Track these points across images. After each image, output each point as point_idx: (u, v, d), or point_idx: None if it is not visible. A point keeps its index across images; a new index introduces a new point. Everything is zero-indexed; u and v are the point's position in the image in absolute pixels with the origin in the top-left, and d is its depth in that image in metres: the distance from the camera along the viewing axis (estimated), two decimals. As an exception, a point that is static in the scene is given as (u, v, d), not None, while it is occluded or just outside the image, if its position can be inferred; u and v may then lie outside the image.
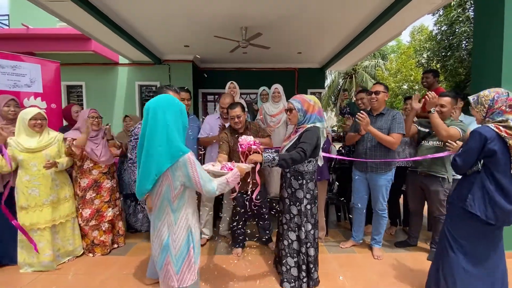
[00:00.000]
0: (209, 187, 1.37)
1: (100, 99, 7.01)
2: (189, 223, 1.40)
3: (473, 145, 1.70)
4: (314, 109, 2.08)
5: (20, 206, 2.26)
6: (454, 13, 7.64)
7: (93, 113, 2.61)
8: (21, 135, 2.25)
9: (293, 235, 2.09)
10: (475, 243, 1.81)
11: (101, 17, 4.12)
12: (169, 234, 1.36)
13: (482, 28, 2.75)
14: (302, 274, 2.06)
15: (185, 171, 1.31)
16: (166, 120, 1.30)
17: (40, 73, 2.76)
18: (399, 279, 2.29)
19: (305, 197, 2.05)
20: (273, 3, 3.95)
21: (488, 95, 1.75)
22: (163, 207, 1.36)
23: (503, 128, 1.64)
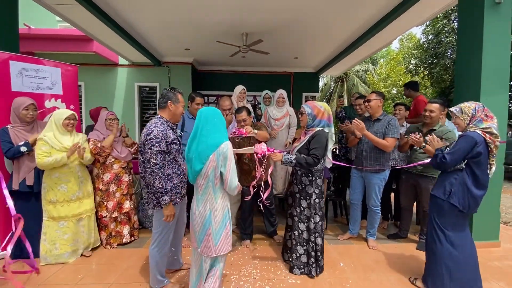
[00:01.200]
0: (234, 181, 1.71)
1: (99, 99, 7.07)
2: (226, 203, 1.77)
3: (465, 146, 1.96)
4: (323, 115, 2.36)
5: (49, 200, 2.44)
6: (440, 24, 8.13)
7: (111, 116, 2.83)
8: (56, 134, 2.40)
9: (303, 226, 2.35)
10: (457, 231, 2.11)
11: (108, 20, 4.26)
12: (211, 210, 1.70)
13: (464, 43, 3.08)
14: (311, 261, 2.31)
15: (225, 156, 1.66)
16: (214, 123, 1.73)
17: (60, 76, 2.91)
18: (392, 265, 2.57)
19: (314, 192, 2.32)
20: (273, 11, 4.21)
21: (470, 106, 2.07)
22: (207, 188, 1.72)
23: (488, 135, 1.96)
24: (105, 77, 7.11)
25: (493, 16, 2.82)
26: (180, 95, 2.07)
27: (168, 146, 1.93)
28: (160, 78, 7.19)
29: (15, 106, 2.51)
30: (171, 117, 2.05)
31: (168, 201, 1.88)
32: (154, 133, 1.85)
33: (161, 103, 2.03)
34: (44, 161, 2.33)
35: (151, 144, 1.83)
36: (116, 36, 4.96)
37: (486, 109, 2.04)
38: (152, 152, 1.83)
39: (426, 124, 2.84)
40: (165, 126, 1.95)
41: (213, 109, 1.79)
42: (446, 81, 9.59)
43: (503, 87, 2.89)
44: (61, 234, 2.48)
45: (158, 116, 2.02)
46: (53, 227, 2.46)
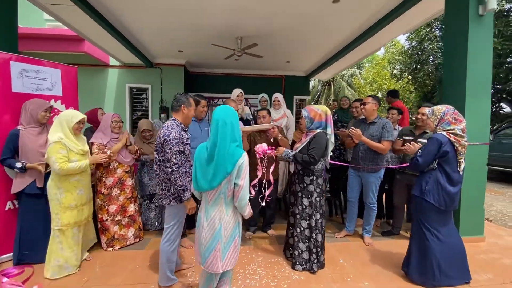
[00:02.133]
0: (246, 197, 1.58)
1: (89, 100, 6.88)
2: (238, 216, 1.66)
3: (432, 147, 2.18)
4: (321, 117, 2.48)
5: (67, 207, 2.29)
6: (423, 32, 8.54)
7: (116, 118, 2.83)
8: (69, 136, 2.31)
9: (305, 223, 2.46)
10: (440, 226, 2.27)
11: (102, 20, 4.23)
12: (221, 224, 1.58)
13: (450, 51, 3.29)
14: (313, 257, 2.41)
15: (241, 168, 1.53)
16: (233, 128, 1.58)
17: (60, 77, 2.88)
18: (388, 260, 2.71)
19: (315, 190, 2.43)
20: (267, 17, 4.33)
21: (440, 109, 2.27)
22: (219, 200, 1.58)
23: (452, 135, 2.17)
24: (95, 78, 6.98)
25: (477, 27, 3.04)
26: (192, 100, 2.20)
27: (183, 146, 2.05)
28: (152, 80, 7.14)
29: (34, 107, 2.45)
30: (184, 120, 2.17)
31: (190, 196, 2.02)
32: (173, 134, 1.96)
33: (175, 107, 2.15)
34: (68, 167, 2.21)
35: (171, 144, 1.94)
36: (110, 37, 4.91)
37: (456, 112, 2.23)
38: (172, 152, 1.95)
39: (418, 126, 3.02)
40: (180, 128, 2.07)
41: (229, 109, 1.64)
42: (428, 85, 10.06)
43: (485, 91, 3.12)
44: (77, 240, 2.41)
45: (173, 119, 2.13)
46: (69, 234, 2.34)
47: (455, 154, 2.18)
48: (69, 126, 2.32)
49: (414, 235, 2.38)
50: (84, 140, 2.50)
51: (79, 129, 2.40)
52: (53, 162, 2.18)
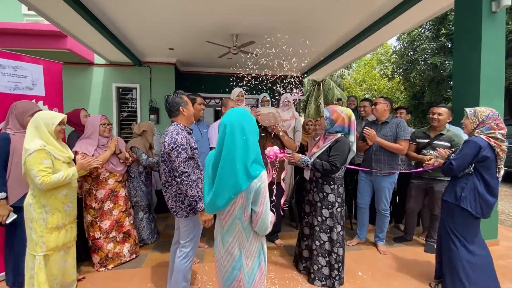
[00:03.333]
0: (267, 222, 1.30)
1: (73, 100, 6.44)
2: (261, 239, 1.39)
3: (469, 151, 2.01)
4: (344, 121, 2.26)
5: (54, 227, 1.93)
6: (415, 32, 8.59)
7: (105, 120, 2.50)
8: (51, 142, 1.93)
9: (325, 236, 2.24)
10: (471, 235, 2.13)
11: (88, 14, 3.88)
12: (241, 251, 1.33)
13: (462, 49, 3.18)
14: (334, 273, 2.20)
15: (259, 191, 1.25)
16: (246, 138, 1.25)
17: (42, 74, 2.53)
18: (408, 271, 2.55)
19: (337, 200, 2.22)
20: (264, 13, 4.11)
21: (484, 111, 2.10)
22: (234, 225, 1.32)
23: (492, 139, 2.01)
24: (79, 77, 6.53)
25: (490, 24, 2.94)
26: (186, 96, 1.98)
27: (191, 152, 1.84)
28: (141, 79, 6.76)
29: (18, 111, 2.09)
30: (187, 121, 1.98)
31: (203, 207, 1.78)
32: (179, 140, 1.78)
33: (172, 112, 1.93)
34: (53, 179, 1.82)
35: (177, 152, 1.75)
36: (95, 33, 4.53)
37: (499, 118, 2.07)
38: (180, 159, 1.76)
39: (433, 127, 2.87)
40: (185, 133, 1.88)
41: (242, 113, 1.32)
42: (417, 85, 10.16)
43: (499, 91, 3.03)
44: (63, 263, 2.03)
45: (175, 123, 1.92)
46: (55, 258, 1.96)
47: (495, 159, 2.02)
48: (50, 130, 1.92)
49: (442, 241, 2.23)
50: (66, 146, 2.13)
51: (62, 131, 2.03)
52: (34, 175, 1.79)
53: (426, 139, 2.89)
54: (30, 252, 1.91)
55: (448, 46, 7.93)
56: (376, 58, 14.42)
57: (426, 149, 2.87)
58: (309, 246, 2.35)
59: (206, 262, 2.68)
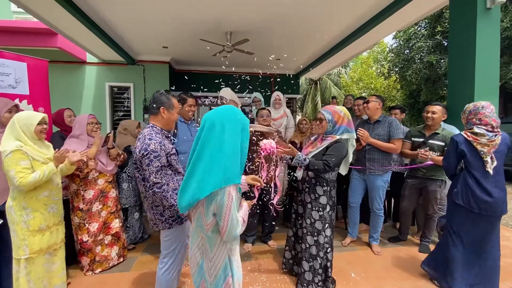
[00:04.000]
0: (234, 233, 1.19)
1: (64, 100, 6.34)
2: (229, 253, 1.26)
3: (450, 149, 2.13)
4: (343, 121, 2.19)
5: (37, 230, 1.86)
6: (411, 30, 8.56)
7: (93, 119, 2.43)
8: (29, 144, 1.86)
9: (311, 240, 2.16)
10: (470, 232, 2.12)
11: (77, 12, 3.80)
12: (203, 259, 1.26)
13: (457, 47, 3.15)
14: (316, 278, 2.13)
15: (220, 204, 1.15)
16: (222, 139, 1.13)
17: (27, 72, 2.46)
18: (402, 271, 2.51)
19: (328, 203, 2.16)
20: (258, 10, 4.05)
21: (468, 106, 2.14)
22: (197, 232, 1.26)
23: (470, 133, 2.03)
24: (71, 76, 6.44)
25: (485, 21, 2.90)
26: (175, 100, 1.81)
27: (168, 158, 1.68)
28: (134, 78, 6.68)
29: None
30: (165, 125, 1.78)
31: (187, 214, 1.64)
32: (151, 146, 1.59)
33: (152, 109, 1.75)
34: (30, 180, 1.75)
35: (148, 160, 1.57)
36: (86, 30, 4.45)
37: (481, 112, 2.04)
38: (150, 169, 1.57)
39: (428, 126, 2.82)
40: (160, 136, 1.68)
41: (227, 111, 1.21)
42: (414, 84, 10.14)
43: (493, 89, 2.99)
44: (49, 266, 1.96)
45: (151, 125, 1.74)
46: (39, 261, 1.89)
47: (476, 154, 2.02)
48: (30, 131, 1.86)
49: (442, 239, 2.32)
50: (49, 146, 2.05)
51: (43, 131, 1.93)
52: (12, 177, 1.73)
53: (421, 138, 2.85)
54: (14, 256, 1.85)
55: (444, 44, 7.92)
56: (373, 57, 14.40)
57: (421, 148, 2.82)
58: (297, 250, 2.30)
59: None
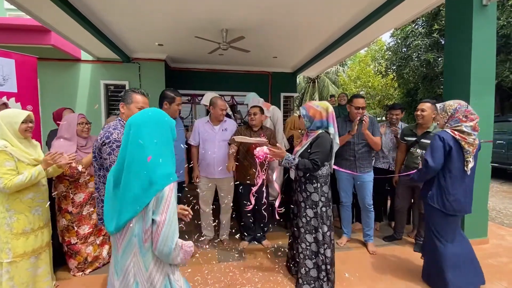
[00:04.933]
0: (171, 238, 1.01)
1: (58, 99, 6.31)
2: (167, 270, 1.09)
3: (437, 143, 2.03)
4: (322, 115, 2.17)
5: (20, 233, 1.81)
6: (409, 28, 8.54)
7: (82, 119, 2.36)
8: (15, 144, 1.81)
9: (311, 238, 2.15)
10: (449, 233, 2.12)
11: (70, 8, 3.72)
12: (137, 283, 1.04)
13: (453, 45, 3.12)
14: (321, 275, 2.12)
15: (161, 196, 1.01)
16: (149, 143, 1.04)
17: (15, 69, 2.41)
18: (396, 271, 2.49)
19: (320, 200, 2.14)
20: (254, 7, 4.00)
21: (452, 105, 2.09)
22: (131, 246, 1.03)
23: (457, 132, 2.01)
24: (65, 74, 6.36)
25: (481, 18, 2.87)
26: (138, 96, 1.74)
27: None
28: (130, 76, 6.61)
29: None
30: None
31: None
32: (114, 135, 1.58)
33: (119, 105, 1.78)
34: (16, 182, 1.71)
35: (110, 149, 1.55)
36: (80, 28, 4.38)
37: (468, 110, 2.04)
38: (112, 158, 1.54)
39: (420, 125, 2.80)
40: None
41: (148, 115, 1.11)
42: (411, 82, 10.13)
43: (489, 88, 2.97)
44: (35, 270, 1.91)
45: (118, 119, 1.75)
46: (23, 265, 1.84)
47: (460, 153, 2.01)
48: (14, 130, 1.80)
49: (425, 240, 2.27)
50: (36, 146, 1.99)
51: (28, 129, 1.87)
52: None
53: (413, 137, 2.83)
54: None
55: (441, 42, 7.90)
56: (371, 55, 14.38)
57: (414, 147, 2.80)
58: (297, 249, 2.26)
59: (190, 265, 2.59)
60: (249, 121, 2.89)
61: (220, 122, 2.95)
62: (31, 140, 1.96)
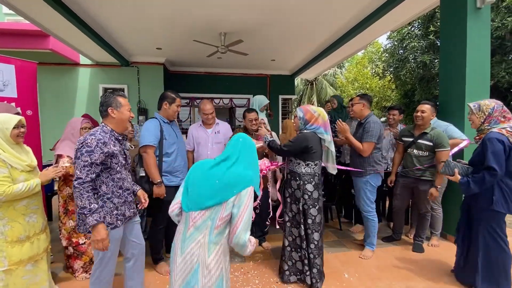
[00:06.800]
0: (244, 236, 1.18)
1: (58, 102, 6.35)
2: (224, 264, 1.25)
3: (498, 148, 1.91)
4: (317, 121, 2.25)
5: (15, 240, 1.77)
6: (405, 30, 8.62)
7: (87, 124, 2.39)
8: (7, 150, 1.75)
9: (296, 231, 2.27)
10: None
11: (69, 13, 3.75)
12: (198, 265, 1.18)
13: (448, 46, 3.17)
14: (305, 268, 2.22)
15: (243, 195, 1.21)
16: (253, 157, 1.36)
17: (15, 74, 2.42)
18: (395, 272, 2.51)
19: (302, 197, 2.20)
20: (252, 11, 4.05)
21: (489, 104, 2.06)
22: (203, 227, 1.20)
23: (505, 131, 1.96)
24: (64, 78, 6.39)
25: (475, 20, 2.92)
26: (122, 98, 1.77)
27: (106, 158, 1.63)
28: (128, 80, 6.64)
29: None
30: (117, 126, 1.76)
31: (95, 223, 1.52)
32: (88, 140, 1.57)
33: (101, 112, 1.74)
34: (14, 191, 1.68)
35: (79, 153, 1.55)
36: (78, 32, 4.41)
37: (505, 110, 2.04)
38: (78, 162, 1.54)
39: (418, 126, 2.81)
40: (107, 135, 1.67)
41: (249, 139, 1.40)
42: (408, 83, 10.19)
43: (485, 88, 3.01)
44: (32, 277, 1.88)
45: (102, 124, 1.73)
46: (19, 274, 1.79)
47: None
48: (6, 135, 1.74)
49: (486, 248, 2.11)
50: (28, 151, 1.95)
51: (20, 135, 1.82)
52: None
53: (411, 138, 2.85)
54: None
55: (437, 44, 7.97)
56: (368, 57, 14.48)
57: (411, 147, 2.83)
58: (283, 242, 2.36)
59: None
60: (250, 126, 2.89)
61: (212, 125, 2.96)
62: (23, 146, 1.93)
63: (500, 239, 2.07)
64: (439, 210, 3.01)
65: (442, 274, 2.46)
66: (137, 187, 1.96)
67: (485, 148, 1.98)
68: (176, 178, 2.50)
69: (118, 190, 1.71)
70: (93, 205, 1.53)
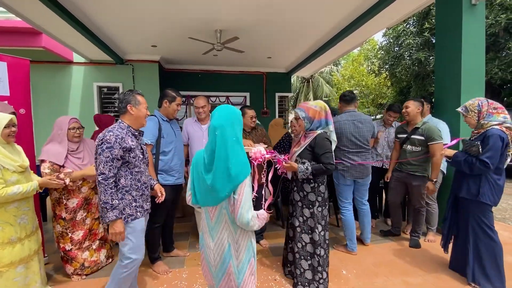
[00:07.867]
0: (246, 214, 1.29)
1: (51, 101, 6.25)
2: (250, 235, 1.40)
3: (497, 144, 1.97)
4: (321, 115, 2.17)
5: (6, 242, 1.75)
6: (401, 27, 8.65)
7: (75, 124, 2.30)
8: (1, 151, 1.72)
9: (307, 238, 2.15)
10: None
11: (61, 10, 3.69)
12: (229, 244, 1.35)
13: (443, 43, 3.18)
14: (317, 276, 2.11)
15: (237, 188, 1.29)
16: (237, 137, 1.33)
17: (7, 72, 2.37)
18: (392, 267, 2.52)
19: (317, 199, 2.14)
20: (247, 9, 4.02)
21: (472, 103, 2.12)
22: (222, 216, 1.35)
23: (505, 128, 2.01)
24: (57, 76, 6.28)
25: (470, 17, 2.94)
26: (140, 96, 1.88)
27: (124, 153, 1.71)
28: (123, 78, 6.55)
29: None
30: (133, 122, 1.85)
31: (114, 218, 1.63)
32: (108, 136, 1.66)
33: (121, 108, 1.84)
34: (9, 193, 1.67)
35: (101, 149, 1.64)
36: (71, 30, 4.33)
37: (491, 102, 2.08)
38: (100, 158, 1.64)
39: (408, 122, 2.89)
40: (124, 131, 1.76)
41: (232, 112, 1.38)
42: (404, 81, 10.26)
43: (480, 86, 3.03)
44: (23, 279, 1.85)
45: (119, 121, 1.83)
46: (9, 276, 1.77)
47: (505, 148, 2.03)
48: None
49: (475, 239, 2.18)
50: (20, 151, 1.91)
51: (11, 134, 1.79)
52: None
53: (404, 134, 2.92)
54: None
55: (432, 41, 8.01)
56: (364, 54, 14.53)
57: (406, 143, 2.88)
58: (292, 249, 2.27)
59: (187, 267, 2.59)
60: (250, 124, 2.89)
61: (206, 121, 2.93)
62: (14, 145, 1.89)
63: (489, 229, 2.13)
64: (435, 205, 3.04)
65: (439, 269, 2.48)
66: (154, 181, 2.05)
67: (485, 142, 2.03)
68: (172, 177, 2.48)
69: (137, 183, 1.79)
70: (114, 201, 1.64)
